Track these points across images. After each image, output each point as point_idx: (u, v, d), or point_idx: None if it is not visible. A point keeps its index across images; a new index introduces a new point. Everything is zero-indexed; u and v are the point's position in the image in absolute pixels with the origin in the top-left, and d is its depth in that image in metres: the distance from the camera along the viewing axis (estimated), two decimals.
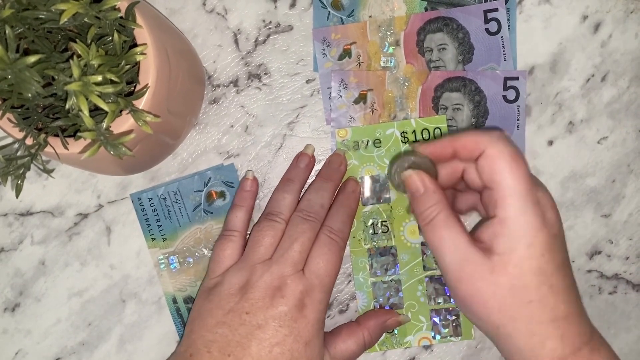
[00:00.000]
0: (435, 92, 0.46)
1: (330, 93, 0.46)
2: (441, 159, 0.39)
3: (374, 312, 0.45)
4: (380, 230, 0.46)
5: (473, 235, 0.37)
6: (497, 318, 0.35)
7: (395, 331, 0.46)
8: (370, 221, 0.46)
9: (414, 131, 0.46)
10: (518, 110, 0.46)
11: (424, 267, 0.46)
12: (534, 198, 0.35)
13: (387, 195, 0.46)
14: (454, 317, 0.46)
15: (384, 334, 0.46)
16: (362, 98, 0.46)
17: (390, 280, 0.46)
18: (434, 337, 0.46)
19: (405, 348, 0.47)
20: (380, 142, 0.46)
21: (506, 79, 0.46)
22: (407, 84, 0.46)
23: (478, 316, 0.36)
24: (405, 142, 0.46)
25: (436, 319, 0.46)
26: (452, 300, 0.46)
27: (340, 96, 0.46)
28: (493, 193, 0.36)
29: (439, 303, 0.46)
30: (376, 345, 0.46)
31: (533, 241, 0.35)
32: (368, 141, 0.46)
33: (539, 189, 0.37)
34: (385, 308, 0.46)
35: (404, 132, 0.46)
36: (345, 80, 0.46)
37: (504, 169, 0.35)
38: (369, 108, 0.46)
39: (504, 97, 0.46)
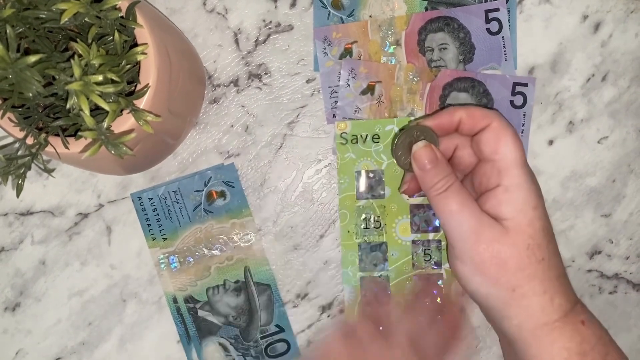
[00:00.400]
0: (443, 91, 0.46)
1: (331, 92, 0.46)
2: (445, 130, 0.41)
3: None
4: (372, 226, 0.46)
5: None
6: (515, 279, 0.37)
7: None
8: (363, 216, 0.46)
9: None
10: (524, 117, 0.46)
11: (413, 265, 0.46)
12: (530, 169, 0.39)
13: (382, 192, 0.46)
14: (439, 317, 0.46)
15: None
16: (370, 89, 0.46)
17: (379, 276, 0.46)
18: None
19: None
20: (379, 138, 0.46)
21: (515, 84, 0.46)
22: (415, 80, 0.46)
23: (495, 279, 0.38)
24: None
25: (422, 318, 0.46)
26: (438, 300, 0.46)
27: (349, 85, 0.46)
28: (496, 164, 0.39)
29: (426, 302, 0.46)
30: None
31: (537, 204, 0.38)
32: (367, 136, 0.46)
33: None
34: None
35: (396, 134, 0.46)
36: (355, 69, 0.46)
37: (509, 142, 0.39)
38: (375, 100, 0.46)
39: (511, 102, 0.46)
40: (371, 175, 0.46)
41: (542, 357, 0.37)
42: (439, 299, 0.46)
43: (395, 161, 0.42)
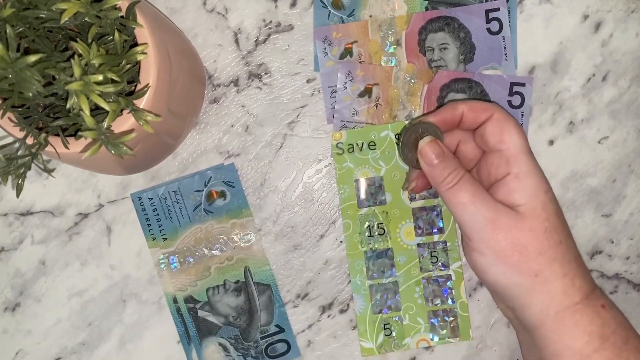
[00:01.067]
0: (440, 92, 0.46)
1: (331, 92, 0.46)
2: (448, 126, 0.41)
3: None
4: (376, 233, 0.46)
5: None
6: (537, 264, 0.37)
7: (394, 334, 0.46)
8: (367, 223, 0.46)
9: None
10: (522, 117, 0.46)
11: (421, 268, 0.46)
12: (534, 156, 0.40)
13: (383, 197, 0.46)
14: (451, 319, 0.46)
15: (382, 337, 0.46)
16: (367, 92, 0.46)
17: (388, 283, 0.46)
18: (432, 339, 0.46)
19: (404, 350, 0.47)
20: (374, 145, 0.46)
21: (512, 84, 0.46)
22: (412, 81, 0.46)
23: (517, 266, 0.38)
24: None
25: (434, 321, 0.46)
26: (449, 301, 0.46)
27: (346, 88, 0.46)
28: (503, 153, 0.39)
29: (437, 304, 0.46)
30: (375, 348, 0.46)
31: (547, 188, 0.39)
32: (363, 144, 0.46)
33: None
34: (384, 311, 0.46)
35: (398, 133, 0.46)
36: (352, 72, 0.46)
37: (513, 131, 0.39)
38: (373, 102, 0.46)
39: (509, 102, 0.46)
40: (370, 182, 0.46)
41: (564, 341, 0.37)
42: (449, 299, 0.46)
43: (402, 160, 0.42)
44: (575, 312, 0.37)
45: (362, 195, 0.46)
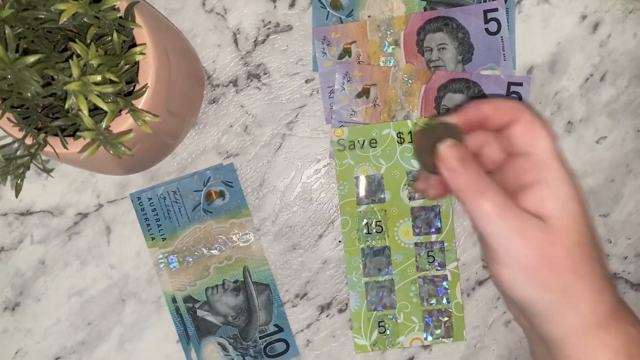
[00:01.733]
0: (438, 92, 0.46)
1: (330, 92, 0.46)
2: (471, 127, 0.37)
3: None
4: (374, 230, 0.46)
5: None
6: (567, 280, 0.34)
7: (388, 332, 0.46)
8: (365, 221, 0.46)
9: (410, 132, 0.46)
10: None
11: (417, 267, 0.46)
12: (565, 161, 0.36)
13: (382, 195, 0.46)
14: (446, 319, 0.46)
15: (376, 334, 0.46)
16: (365, 92, 0.46)
17: (384, 281, 0.46)
18: (425, 338, 0.46)
19: (397, 348, 0.47)
20: (376, 142, 0.46)
21: (510, 84, 0.46)
22: (410, 81, 0.46)
23: (547, 282, 0.34)
24: (400, 143, 0.46)
25: (428, 320, 0.46)
26: (444, 301, 0.46)
27: (344, 89, 0.46)
28: (532, 158, 0.35)
29: (432, 304, 0.46)
30: (368, 345, 0.46)
31: (580, 198, 0.35)
32: (364, 141, 0.46)
33: None
34: (379, 309, 0.46)
35: (399, 132, 0.46)
36: (350, 73, 0.46)
37: (544, 133, 0.35)
38: (371, 103, 0.46)
39: None
40: (370, 180, 0.46)
41: (587, 359, 0.35)
42: (444, 299, 0.46)
43: (418, 164, 0.39)
44: (601, 329, 0.35)
45: (362, 193, 0.46)
